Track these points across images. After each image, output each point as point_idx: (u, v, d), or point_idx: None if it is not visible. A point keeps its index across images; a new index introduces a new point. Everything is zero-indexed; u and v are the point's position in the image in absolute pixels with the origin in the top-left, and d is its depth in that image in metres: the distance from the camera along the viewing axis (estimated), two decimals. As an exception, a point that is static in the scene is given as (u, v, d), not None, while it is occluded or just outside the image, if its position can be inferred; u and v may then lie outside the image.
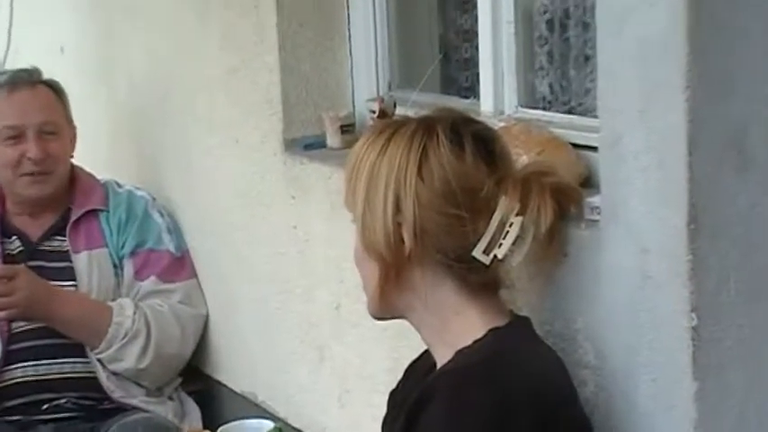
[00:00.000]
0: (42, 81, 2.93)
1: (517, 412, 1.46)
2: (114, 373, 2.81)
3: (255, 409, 2.72)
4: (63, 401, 2.78)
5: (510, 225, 1.55)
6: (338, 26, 2.57)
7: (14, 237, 2.89)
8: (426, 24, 2.67)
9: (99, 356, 2.79)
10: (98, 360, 2.79)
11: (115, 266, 2.89)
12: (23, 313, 2.73)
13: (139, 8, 3.18)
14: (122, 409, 2.80)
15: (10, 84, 2.89)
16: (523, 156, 1.82)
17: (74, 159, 2.97)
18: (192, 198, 3.00)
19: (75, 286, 2.83)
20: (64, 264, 2.85)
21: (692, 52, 1.45)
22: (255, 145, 2.65)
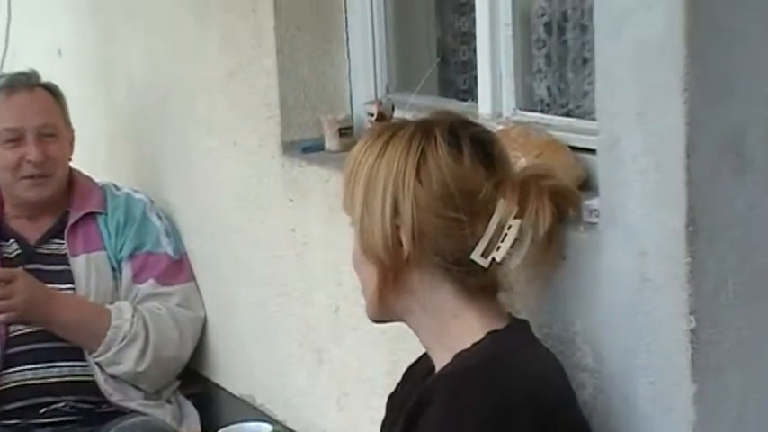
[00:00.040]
0: (40, 84, 2.94)
1: (516, 415, 1.46)
2: (112, 377, 2.81)
3: (254, 412, 2.72)
4: (61, 405, 2.78)
5: (508, 228, 1.55)
6: (336, 29, 2.57)
7: (12, 240, 2.89)
8: (424, 27, 2.67)
9: (97, 360, 2.79)
10: (96, 363, 2.79)
11: (113, 269, 2.89)
12: (21, 316, 2.73)
13: (138, 10, 3.18)
14: (120, 413, 2.80)
15: (8, 87, 2.90)
16: (522, 159, 1.82)
17: (72, 162, 2.97)
18: (191, 201, 3.00)
19: (73, 289, 2.83)
20: (62, 267, 2.85)
21: (690, 55, 1.45)
22: (254, 148, 2.65)
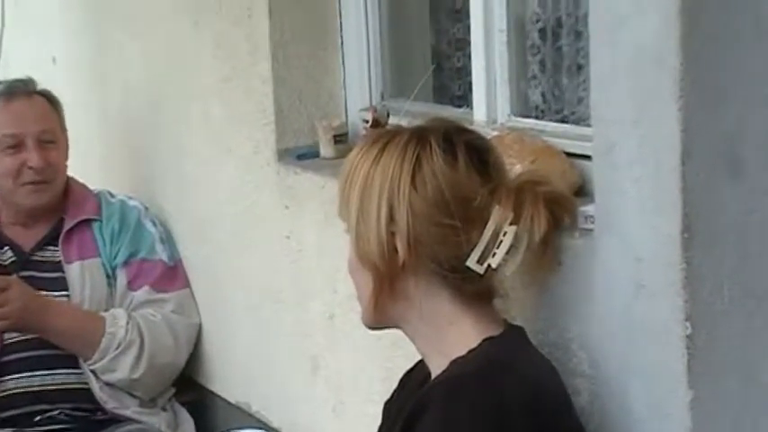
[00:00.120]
0: (38, 91, 2.94)
1: (512, 422, 1.46)
2: (107, 384, 2.80)
3: (249, 420, 2.72)
4: (56, 413, 2.77)
5: (504, 234, 1.55)
6: (331, 36, 2.57)
7: (6, 247, 2.88)
8: (419, 34, 2.67)
9: (92, 367, 2.78)
10: (91, 371, 2.79)
11: (108, 276, 2.88)
12: (16, 324, 2.72)
13: (132, 17, 3.17)
14: (115, 420, 2.79)
15: (7, 94, 2.90)
16: (517, 165, 1.82)
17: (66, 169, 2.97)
18: (185, 208, 2.99)
19: (67, 296, 2.83)
20: (56, 274, 2.85)
21: (685, 61, 1.45)
22: (249, 154, 2.65)
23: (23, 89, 2.92)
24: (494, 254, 1.55)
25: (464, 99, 2.43)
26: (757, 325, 1.54)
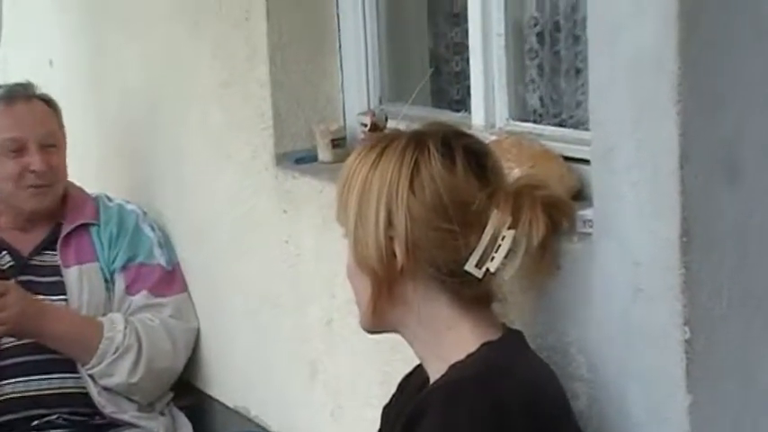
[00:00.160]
0: (37, 95, 2.94)
1: (511, 426, 1.46)
2: (105, 389, 2.80)
3: (248, 424, 2.72)
4: (54, 417, 2.77)
5: (502, 238, 1.55)
6: (329, 40, 2.57)
7: (4, 251, 2.88)
8: (417, 38, 2.67)
9: (90, 372, 2.78)
10: (89, 375, 2.78)
11: (106, 281, 2.88)
12: (13, 329, 2.71)
13: (130, 21, 3.17)
14: (114, 425, 2.79)
15: (7, 97, 2.90)
16: (515, 169, 1.82)
17: (64, 174, 2.97)
18: (183, 212, 2.99)
19: (65, 301, 2.82)
20: (54, 278, 2.84)
21: (684, 66, 1.46)
22: (247, 159, 2.65)
23: (23, 93, 2.92)
24: (492, 258, 1.55)
25: (462, 103, 2.43)
26: (756, 329, 1.54)
